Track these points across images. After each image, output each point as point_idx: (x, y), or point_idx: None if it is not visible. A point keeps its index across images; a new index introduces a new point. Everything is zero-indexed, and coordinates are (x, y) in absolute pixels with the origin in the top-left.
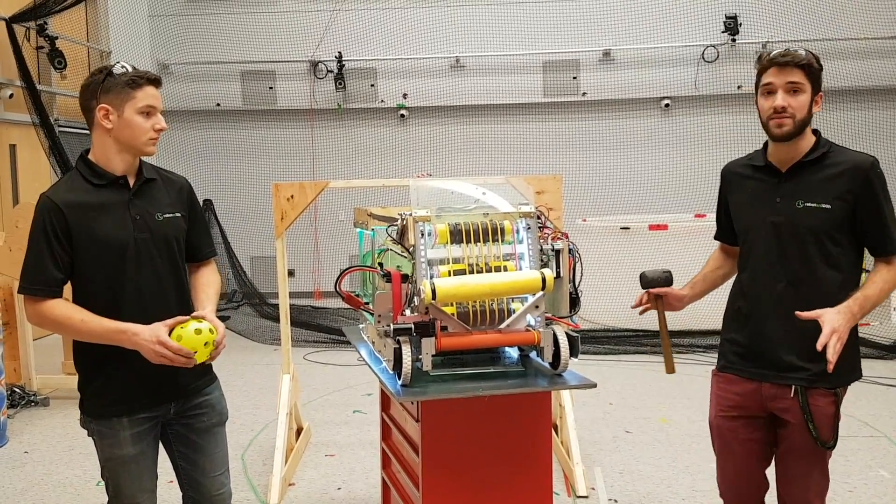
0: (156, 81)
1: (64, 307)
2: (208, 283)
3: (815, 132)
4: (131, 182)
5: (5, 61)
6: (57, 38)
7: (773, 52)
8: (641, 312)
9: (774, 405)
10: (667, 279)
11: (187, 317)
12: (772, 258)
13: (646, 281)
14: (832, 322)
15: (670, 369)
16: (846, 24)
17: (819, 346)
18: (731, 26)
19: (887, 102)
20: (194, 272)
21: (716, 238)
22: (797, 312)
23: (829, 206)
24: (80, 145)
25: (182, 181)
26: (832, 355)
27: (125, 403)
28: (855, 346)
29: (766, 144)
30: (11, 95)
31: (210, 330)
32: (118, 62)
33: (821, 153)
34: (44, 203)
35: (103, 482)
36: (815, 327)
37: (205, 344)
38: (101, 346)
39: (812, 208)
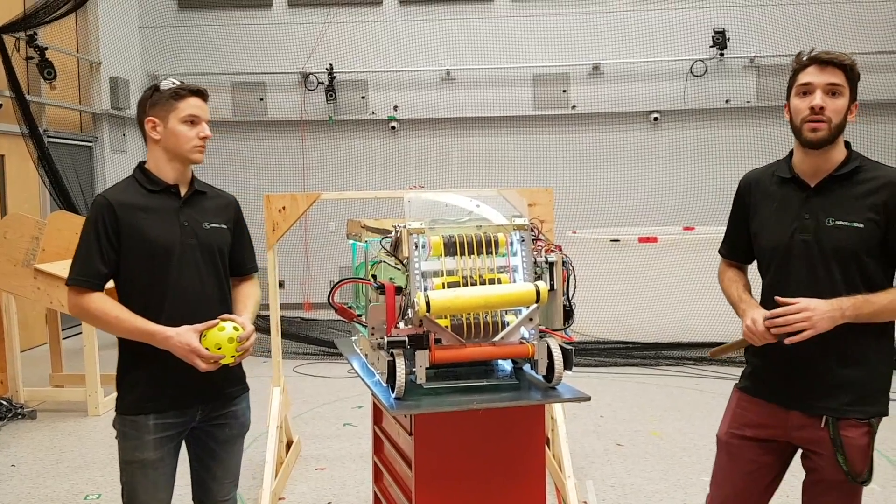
0: (199, 93)
1: (103, 301)
2: (248, 296)
3: (847, 144)
4: (183, 191)
5: None
6: (47, 48)
7: (814, 51)
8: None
9: (800, 435)
10: None
11: (216, 320)
12: (801, 279)
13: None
14: (810, 301)
15: (715, 355)
16: (834, 40)
17: (770, 315)
18: (720, 41)
19: (876, 117)
20: (237, 286)
21: (722, 253)
22: (776, 297)
23: (861, 226)
24: (68, 156)
25: (230, 198)
26: (781, 321)
27: (156, 400)
28: (887, 370)
29: (790, 154)
30: (0, 106)
31: (235, 328)
32: (168, 78)
33: (853, 167)
34: (98, 201)
35: (97, 495)
36: (847, 354)
37: (229, 341)
38: (141, 343)
39: (843, 227)
